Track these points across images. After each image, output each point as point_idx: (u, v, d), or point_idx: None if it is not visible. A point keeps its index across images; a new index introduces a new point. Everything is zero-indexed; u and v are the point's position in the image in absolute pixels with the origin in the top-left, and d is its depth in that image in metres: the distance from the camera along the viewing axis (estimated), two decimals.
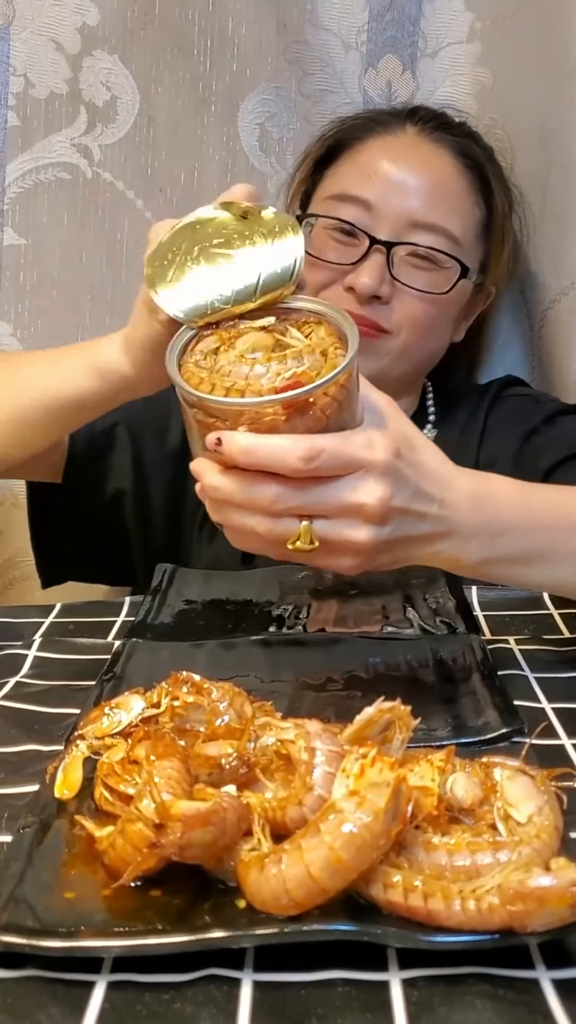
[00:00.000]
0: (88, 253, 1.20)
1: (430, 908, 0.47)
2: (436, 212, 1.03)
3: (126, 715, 0.62)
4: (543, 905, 0.46)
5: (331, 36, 1.16)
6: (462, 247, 1.04)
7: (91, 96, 1.16)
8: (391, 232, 1.02)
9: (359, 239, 1.02)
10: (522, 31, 1.14)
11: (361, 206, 1.03)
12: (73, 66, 1.15)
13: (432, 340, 1.08)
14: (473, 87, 1.17)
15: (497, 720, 0.69)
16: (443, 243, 1.03)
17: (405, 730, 0.57)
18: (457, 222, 1.04)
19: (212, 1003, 0.46)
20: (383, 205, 1.02)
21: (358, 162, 1.07)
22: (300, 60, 1.17)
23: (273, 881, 0.48)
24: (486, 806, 0.54)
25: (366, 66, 1.17)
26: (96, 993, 0.46)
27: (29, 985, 0.47)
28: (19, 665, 0.81)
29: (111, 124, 1.17)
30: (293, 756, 0.55)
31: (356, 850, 0.47)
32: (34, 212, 1.19)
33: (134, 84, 1.16)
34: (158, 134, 1.17)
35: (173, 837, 0.49)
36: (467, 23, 1.16)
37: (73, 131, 1.17)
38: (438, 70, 1.17)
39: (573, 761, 0.66)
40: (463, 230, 1.05)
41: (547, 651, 0.84)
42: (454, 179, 1.05)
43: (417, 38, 1.16)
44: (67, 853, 0.54)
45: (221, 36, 1.15)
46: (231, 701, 0.59)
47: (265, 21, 1.15)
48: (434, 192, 1.04)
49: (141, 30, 1.14)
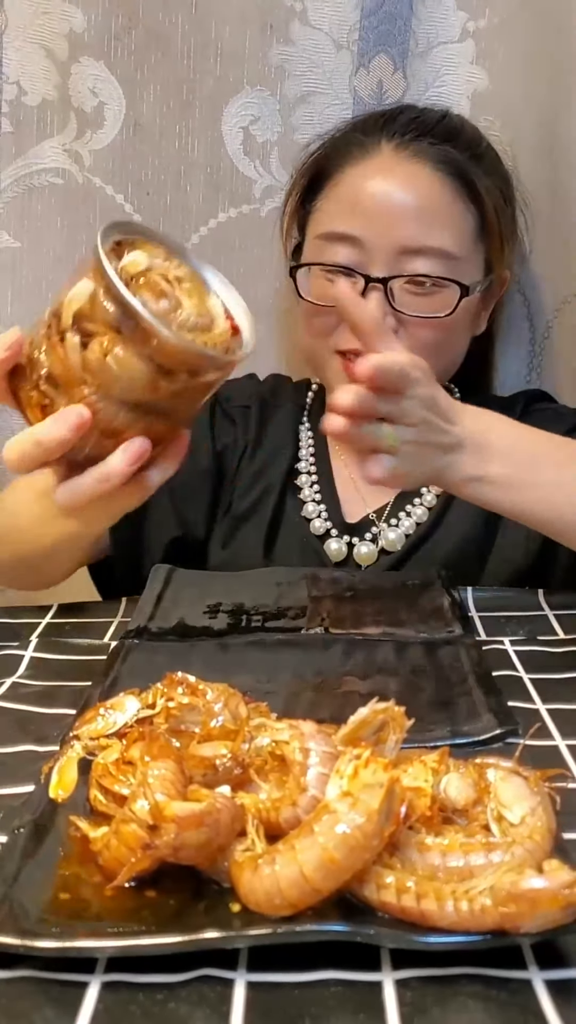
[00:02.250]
0: (81, 256, 1.19)
1: (423, 909, 0.48)
2: (426, 234, 1.01)
3: (121, 716, 0.63)
4: (536, 907, 0.46)
5: (321, 35, 1.14)
6: (460, 259, 1.03)
7: (80, 102, 1.15)
8: (384, 265, 1.00)
9: (355, 277, 1.01)
10: (522, 31, 1.13)
11: (349, 243, 1.01)
12: (62, 72, 1.15)
13: (447, 355, 1.07)
14: (466, 88, 1.16)
15: (491, 721, 0.69)
16: (439, 265, 1.01)
17: (399, 731, 0.57)
18: (449, 237, 1.02)
19: (206, 1003, 0.46)
20: (371, 238, 1.00)
21: (340, 195, 1.05)
22: (286, 61, 1.15)
23: (267, 881, 0.48)
24: (480, 807, 0.54)
25: (357, 66, 1.16)
26: (90, 993, 0.46)
27: (23, 986, 0.47)
28: (15, 665, 0.81)
29: (99, 130, 1.16)
30: (287, 757, 0.55)
31: (349, 851, 0.48)
32: (28, 216, 1.18)
33: (120, 90, 1.15)
34: (144, 139, 1.17)
35: (167, 838, 0.49)
36: (459, 23, 1.14)
37: (64, 137, 1.17)
38: (429, 69, 1.15)
39: (567, 762, 0.66)
40: (458, 243, 1.03)
41: (542, 652, 0.84)
42: (438, 193, 1.02)
43: (408, 37, 1.14)
44: (62, 854, 0.54)
45: (204, 39, 1.14)
46: (226, 702, 0.59)
47: (250, 22, 1.14)
48: (420, 213, 1.01)
49: (126, 35, 1.13)
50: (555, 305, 1.20)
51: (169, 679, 0.63)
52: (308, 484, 1.11)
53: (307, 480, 1.11)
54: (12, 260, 1.19)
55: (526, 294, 1.21)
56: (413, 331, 1.02)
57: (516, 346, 1.23)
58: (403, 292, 1.01)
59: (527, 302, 1.21)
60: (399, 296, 1.01)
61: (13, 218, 1.18)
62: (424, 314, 1.01)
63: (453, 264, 1.02)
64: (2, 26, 1.14)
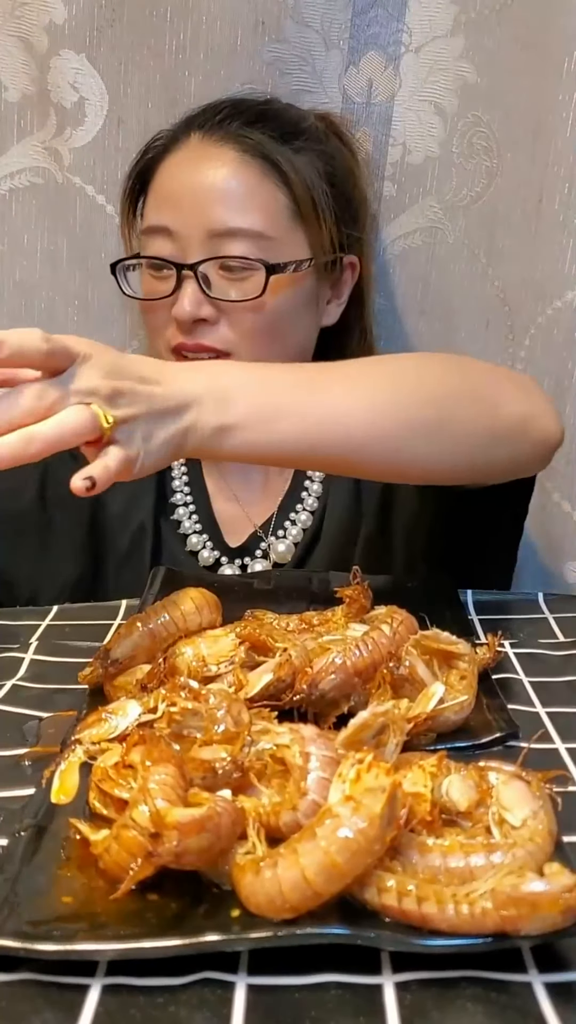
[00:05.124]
0: (63, 259, 1.17)
1: (424, 912, 0.48)
2: (231, 216, 0.99)
3: (123, 720, 0.63)
4: (536, 910, 0.46)
5: (312, 33, 1.11)
6: (274, 240, 1.00)
7: (59, 97, 1.11)
8: (197, 252, 0.99)
9: (170, 269, 1.00)
10: (512, 26, 1.10)
11: (164, 235, 1.01)
12: (41, 67, 1.10)
13: (281, 342, 1.03)
14: (455, 83, 1.13)
15: (492, 724, 0.69)
16: (248, 245, 0.99)
17: (399, 734, 0.57)
18: (258, 217, 1.00)
19: (206, 1006, 0.46)
20: (180, 227, 1.00)
21: (155, 190, 1.04)
22: (278, 60, 1.12)
23: (268, 884, 0.48)
24: (481, 808, 0.54)
25: (347, 64, 1.13)
26: (90, 997, 0.46)
27: (23, 989, 0.47)
28: (15, 668, 0.81)
29: (79, 127, 1.12)
30: (288, 761, 0.55)
31: (351, 855, 0.48)
32: (9, 218, 1.16)
33: (102, 85, 1.11)
34: (128, 137, 1.13)
35: (169, 846, 0.49)
36: (451, 16, 1.11)
37: (44, 134, 1.13)
38: (422, 65, 1.13)
39: (567, 765, 0.66)
40: (269, 221, 1.00)
41: (542, 655, 0.84)
42: (241, 174, 1.00)
43: (402, 33, 1.12)
44: (63, 857, 0.54)
45: (194, 35, 1.10)
46: (228, 707, 0.59)
47: (241, 19, 1.10)
48: (226, 196, 1.00)
49: (109, 28, 1.09)
50: (537, 312, 1.16)
51: (172, 683, 0.63)
52: (187, 516, 1.09)
53: (185, 512, 1.09)
54: None
55: (507, 301, 1.19)
56: (234, 319, 1.00)
57: (496, 355, 1.20)
58: (219, 279, 1.00)
59: (508, 309, 1.19)
60: (215, 283, 0.99)
61: None
62: (236, 298, 0.99)
63: (266, 244, 1.00)
64: None
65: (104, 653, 0.73)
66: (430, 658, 0.71)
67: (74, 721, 0.68)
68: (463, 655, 0.71)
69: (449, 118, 1.15)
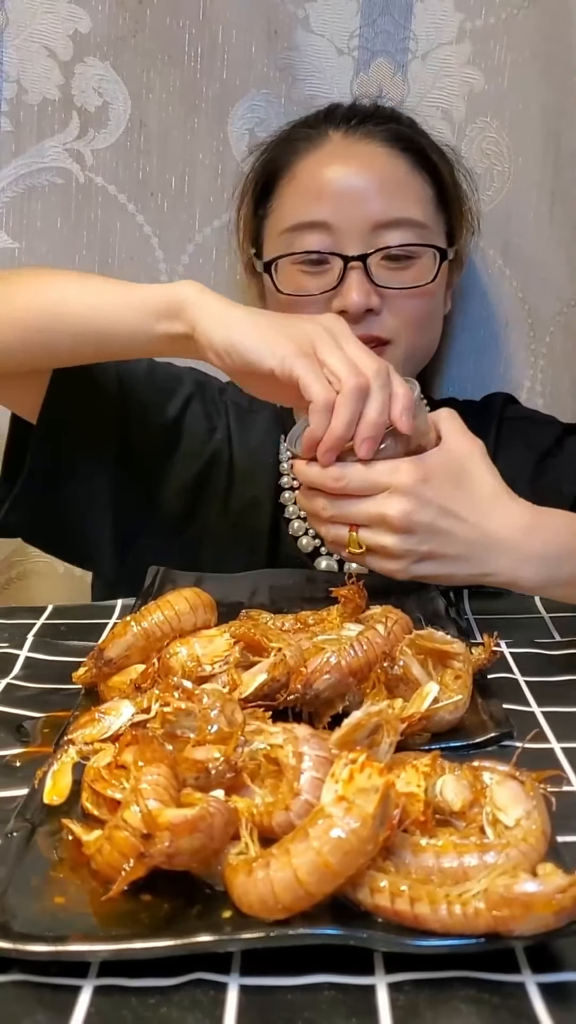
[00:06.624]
0: (81, 257, 1.20)
1: (417, 912, 0.48)
2: (393, 206, 1.02)
3: (116, 720, 0.62)
4: (529, 911, 0.46)
5: (323, 41, 1.16)
6: (428, 228, 1.04)
7: (83, 102, 1.16)
8: (359, 243, 1.01)
9: (331, 262, 1.01)
10: (519, 34, 1.14)
11: (320, 229, 1.02)
12: (65, 72, 1.16)
13: (431, 331, 1.08)
14: (462, 89, 1.17)
15: (487, 724, 0.69)
16: (412, 234, 1.02)
17: (392, 734, 0.57)
18: (416, 207, 1.03)
19: (198, 1007, 0.46)
20: (341, 220, 1.01)
21: (299, 187, 1.05)
22: (290, 66, 1.17)
23: (261, 885, 0.48)
24: (475, 808, 0.54)
25: (357, 70, 1.17)
26: (82, 998, 0.46)
27: (15, 990, 0.47)
28: (10, 666, 0.81)
29: (103, 130, 1.17)
30: (281, 761, 0.55)
31: (344, 855, 0.47)
32: (28, 217, 1.19)
33: (125, 90, 1.17)
34: (149, 139, 1.18)
35: (161, 846, 0.49)
36: (457, 23, 1.15)
37: (65, 136, 1.18)
38: (428, 72, 1.17)
39: (562, 765, 0.66)
40: (424, 212, 1.04)
41: (538, 655, 0.84)
42: (395, 167, 1.04)
43: (408, 41, 1.16)
44: (55, 858, 0.54)
45: (212, 43, 1.16)
46: (222, 708, 0.59)
47: (256, 28, 1.15)
48: (383, 188, 1.02)
49: (132, 37, 1.15)
50: (557, 310, 1.20)
51: (165, 684, 0.63)
52: (293, 501, 1.09)
53: (291, 496, 1.10)
54: (10, 261, 1.19)
55: (527, 299, 1.21)
56: (397, 306, 1.02)
57: (517, 352, 1.23)
58: (380, 269, 1.01)
59: (528, 307, 1.21)
60: (377, 273, 1.01)
61: (12, 218, 1.19)
62: (406, 285, 1.02)
63: (424, 232, 1.03)
64: (2, 24, 1.14)
65: (99, 653, 0.73)
66: (425, 658, 0.71)
67: (67, 721, 0.68)
68: (457, 655, 0.71)
69: (457, 124, 1.18)
